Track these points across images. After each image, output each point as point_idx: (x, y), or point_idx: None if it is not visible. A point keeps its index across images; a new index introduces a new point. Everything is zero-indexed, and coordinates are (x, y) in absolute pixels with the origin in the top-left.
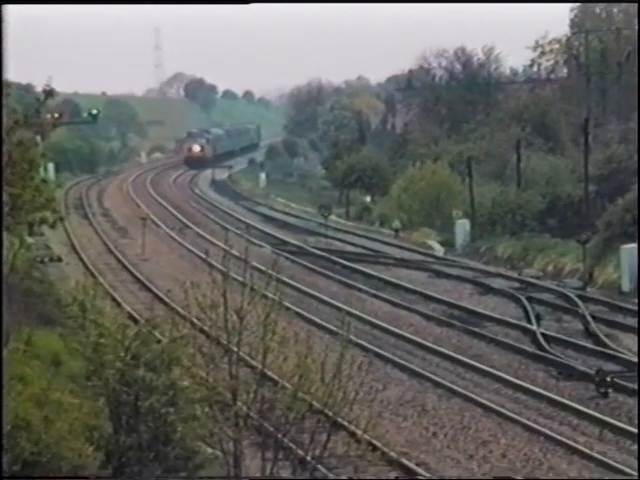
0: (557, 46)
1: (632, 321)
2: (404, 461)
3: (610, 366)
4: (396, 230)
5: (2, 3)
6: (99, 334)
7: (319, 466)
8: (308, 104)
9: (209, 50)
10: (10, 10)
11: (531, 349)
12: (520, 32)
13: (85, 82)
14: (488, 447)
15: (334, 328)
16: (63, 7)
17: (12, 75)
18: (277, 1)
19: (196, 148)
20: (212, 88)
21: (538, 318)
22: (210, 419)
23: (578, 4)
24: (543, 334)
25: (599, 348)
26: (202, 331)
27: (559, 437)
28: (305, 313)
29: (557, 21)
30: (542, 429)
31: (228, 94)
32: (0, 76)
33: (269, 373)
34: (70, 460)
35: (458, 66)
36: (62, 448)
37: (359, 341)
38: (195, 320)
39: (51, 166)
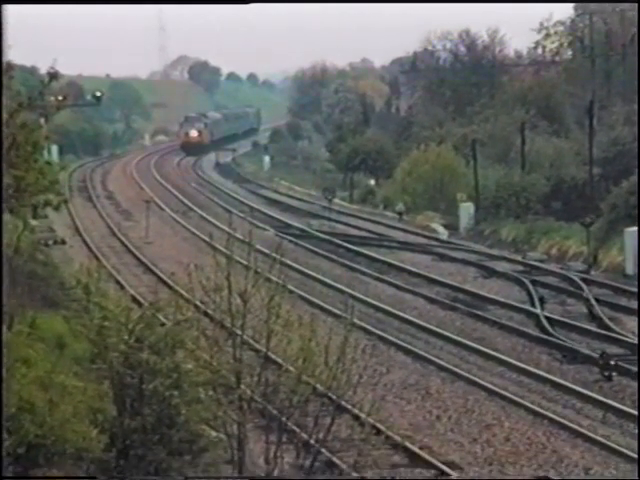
0: (561, 28)
1: (636, 304)
2: (408, 444)
3: (614, 349)
4: (400, 213)
5: (2, 3)
6: (103, 317)
7: (323, 449)
8: (312, 87)
9: (214, 32)
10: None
11: (535, 332)
12: (525, 15)
13: (89, 64)
14: (492, 430)
15: (338, 311)
16: None
17: (16, 58)
18: (277, 1)
19: (193, 133)
20: (216, 71)
21: (542, 301)
22: (214, 402)
23: None
24: (547, 317)
25: (603, 331)
26: (206, 314)
27: (563, 420)
28: (309, 296)
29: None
30: (546, 412)
31: (232, 77)
32: (0, 73)
33: (273, 356)
34: (74, 443)
35: (462, 48)
36: (66, 431)
37: (363, 324)
38: (199, 303)
39: (55, 148)
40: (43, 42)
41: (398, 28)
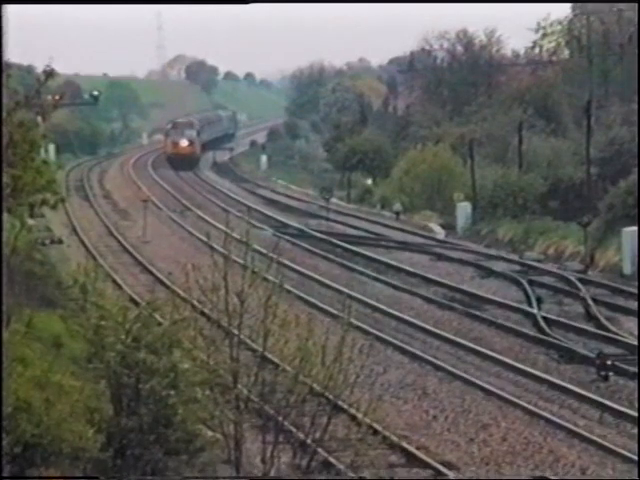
0: (559, 28)
1: (633, 304)
2: (404, 444)
3: (611, 349)
4: (397, 213)
5: (2, 3)
6: (100, 316)
7: (319, 449)
8: (310, 86)
9: (211, 31)
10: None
11: (532, 332)
12: (522, 14)
13: (86, 63)
14: (488, 430)
15: (335, 311)
16: None
17: (13, 57)
18: (277, 1)
19: (184, 143)
20: (213, 70)
21: (539, 301)
22: (211, 402)
23: None
24: (544, 317)
25: (600, 331)
26: (203, 314)
27: (559, 420)
28: (306, 296)
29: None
30: (542, 412)
31: (230, 76)
32: (0, 73)
33: (270, 356)
34: (71, 442)
35: (460, 48)
36: (63, 430)
37: (360, 324)
38: (196, 303)
39: (52, 147)
40: (40, 41)
41: (396, 28)
